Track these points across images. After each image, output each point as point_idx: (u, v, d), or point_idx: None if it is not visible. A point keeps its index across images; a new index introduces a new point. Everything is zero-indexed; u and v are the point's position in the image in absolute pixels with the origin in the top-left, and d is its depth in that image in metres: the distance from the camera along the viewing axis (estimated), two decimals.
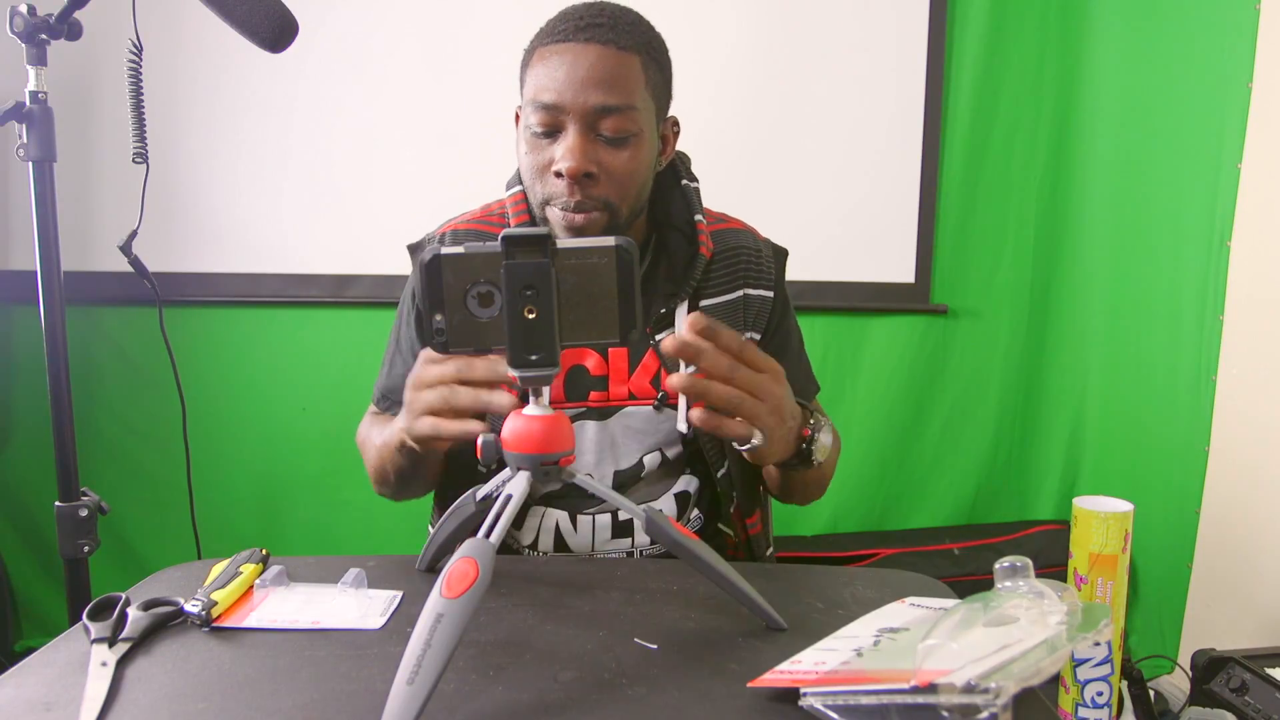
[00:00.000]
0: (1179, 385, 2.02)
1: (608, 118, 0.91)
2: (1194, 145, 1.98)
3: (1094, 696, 1.11)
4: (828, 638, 0.70)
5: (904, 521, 2.38)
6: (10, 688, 0.63)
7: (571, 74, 0.90)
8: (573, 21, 0.92)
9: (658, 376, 1.04)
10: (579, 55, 0.90)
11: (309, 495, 2.22)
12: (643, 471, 1.05)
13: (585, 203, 0.92)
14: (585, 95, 0.90)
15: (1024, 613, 0.59)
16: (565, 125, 0.91)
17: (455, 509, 0.81)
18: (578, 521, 1.04)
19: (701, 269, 1.04)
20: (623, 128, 0.92)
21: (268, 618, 0.74)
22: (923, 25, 2.22)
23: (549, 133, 0.92)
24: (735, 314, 1.07)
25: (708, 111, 2.18)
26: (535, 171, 0.94)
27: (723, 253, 1.07)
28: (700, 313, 0.76)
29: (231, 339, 2.20)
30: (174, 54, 2.06)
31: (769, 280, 1.10)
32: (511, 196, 1.05)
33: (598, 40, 0.91)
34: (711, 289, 1.06)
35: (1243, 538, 1.86)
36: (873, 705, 0.56)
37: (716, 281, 1.06)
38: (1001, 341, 2.36)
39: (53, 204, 1.07)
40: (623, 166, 0.93)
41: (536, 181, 0.95)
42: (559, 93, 0.90)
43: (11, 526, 2.16)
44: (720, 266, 1.06)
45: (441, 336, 0.65)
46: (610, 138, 0.92)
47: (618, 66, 0.91)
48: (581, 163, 0.90)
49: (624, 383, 1.04)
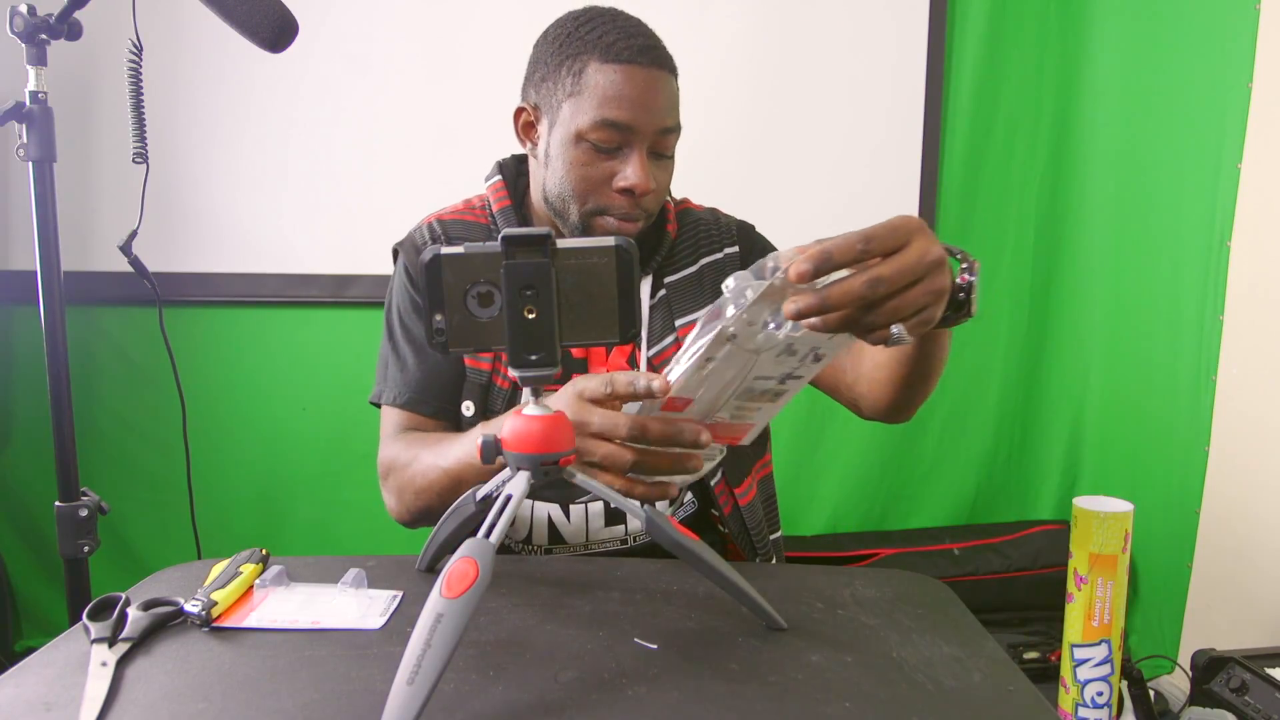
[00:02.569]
0: (1179, 385, 2.02)
1: (667, 138, 0.99)
2: (1194, 145, 1.98)
3: (1094, 696, 1.11)
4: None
5: (904, 521, 2.38)
6: (10, 688, 0.63)
7: (645, 97, 0.95)
8: (631, 41, 0.96)
9: (632, 356, 1.07)
10: (649, 80, 0.96)
11: (309, 495, 2.22)
12: None
13: (640, 214, 1.00)
14: (656, 119, 0.97)
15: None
16: (632, 144, 0.97)
17: (455, 509, 0.81)
18: (570, 511, 1.05)
19: (667, 247, 1.10)
20: (673, 146, 1.02)
21: (268, 618, 0.74)
22: (923, 25, 2.22)
23: (611, 149, 0.97)
24: (698, 284, 1.10)
25: (708, 110, 2.18)
26: (590, 183, 0.98)
27: (684, 229, 1.13)
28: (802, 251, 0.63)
29: (231, 339, 2.20)
30: (174, 54, 2.06)
31: (729, 237, 1.14)
32: (491, 187, 1.09)
33: (658, 65, 0.97)
34: (675, 265, 1.11)
35: (1243, 538, 1.86)
36: None
37: (680, 257, 1.11)
38: (1001, 341, 2.36)
39: (53, 204, 1.07)
40: (667, 180, 1.04)
41: (590, 193, 0.99)
42: (633, 115, 0.95)
43: (11, 526, 2.16)
44: (683, 243, 1.12)
45: (441, 336, 0.65)
46: (662, 154, 1.01)
47: (673, 91, 1.00)
48: (650, 182, 0.97)
49: (603, 364, 1.06)
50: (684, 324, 1.08)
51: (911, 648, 0.71)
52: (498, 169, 1.11)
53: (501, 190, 1.08)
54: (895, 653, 0.70)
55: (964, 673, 0.67)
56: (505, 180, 1.09)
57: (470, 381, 1.06)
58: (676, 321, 1.08)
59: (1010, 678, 0.67)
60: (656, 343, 1.08)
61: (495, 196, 1.08)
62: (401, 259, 1.10)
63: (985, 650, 0.71)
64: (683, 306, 1.09)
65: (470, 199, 1.13)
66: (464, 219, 1.09)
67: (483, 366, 1.05)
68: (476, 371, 1.05)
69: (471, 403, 1.05)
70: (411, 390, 1.06)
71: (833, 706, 0.61)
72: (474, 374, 1.06)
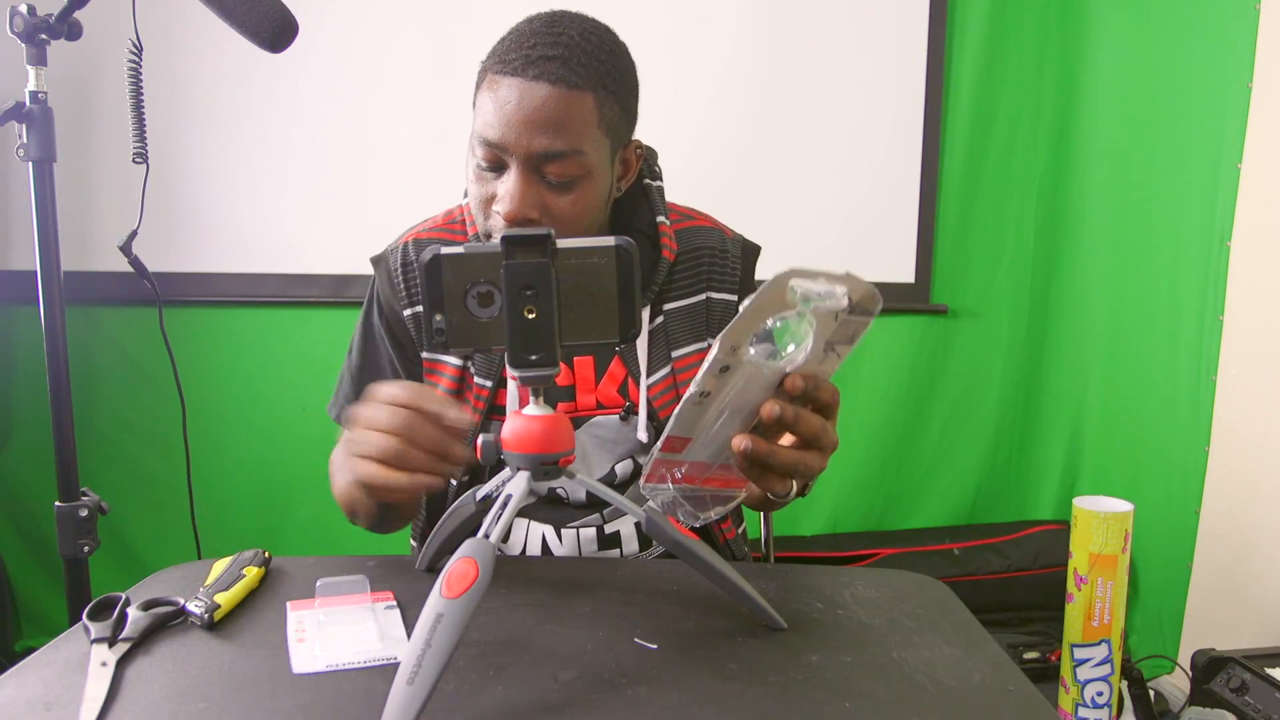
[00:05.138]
0: (1179, 385, 2.02)
1: (552, 163, 0.87)
2: (1194, 145, 1.98)
3: (1094, 696, 1.11)
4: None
5: (904, 521, 2.38)
6: (10, 688, 0.63)
7: (516, 114, 0.85)
8: (525, 51, 0.86)
9: (624, 385, 1.03)
10: (526, 94, 0.85)
11: (309, 495, 2.22)
12: (615, 480, 1.04)
13: None
14: (529, 139, 0.85)
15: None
16: (508, 164, 0.88)
17: (455, 509, 0.81)
18: (563, 535, 1.03)
19: (665, 272, 1.01)
20: (567, 173, 0.88)
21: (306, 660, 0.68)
22: (923, 25, 2.22)
23: (493, 168, 0.89)
24: (698, 317, 1.04)
25: (709, 112, 2.18)
26: (479, 203, 0.92)
27: (686, 254, 1.03)
28: (799, 375, 0.67)
29: (231, 339, 2.20)
30: (174, 54, 2.06)
31: (733, 282, 1.05)
32: (468, 204, 1.03)
33: (547, 78, 0.85)
34: (675, 292, 1.03)
35: (1243, 538, 1.86)
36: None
37: (680, 284, 1.03)
38: (1001, 341, 2.36)
39: (53, 204, 1.06)
40: (567, 210, 0.89)
41: (480, 213, 0.92)
42: (503, 132, 0.86)
43: (11, 526, 2.15)
44: (684, 268, 1.03)
45: (441, 336, 0.65)
46: (555, 182, 0.88)
47: (565, 109, 0.86)
48: (521, 208, 0.87)
49: (591, 392, 1.02)
50: (680, 355, 1.02)
51: (911, 648, 0.71)
52: None
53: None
54: (895, 653, 0.70)
55: (964, 673, 0.67)
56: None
57: None
58: (673, 352, 1.02)
59: (1010, 678, 0.67)
60: (654, 372, 1.02)
61: (470, 217, 1.01)
62: (375, 283, 1.06)
63: (985, 650, 0.71)
64: (680, 338, 1.03)
65: (451, 210, 1.08)
66: (442, 237, 1.04)
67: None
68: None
69: None
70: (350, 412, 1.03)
71: (833, 706, 0.61)
72: None
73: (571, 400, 1.02)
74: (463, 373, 1.01)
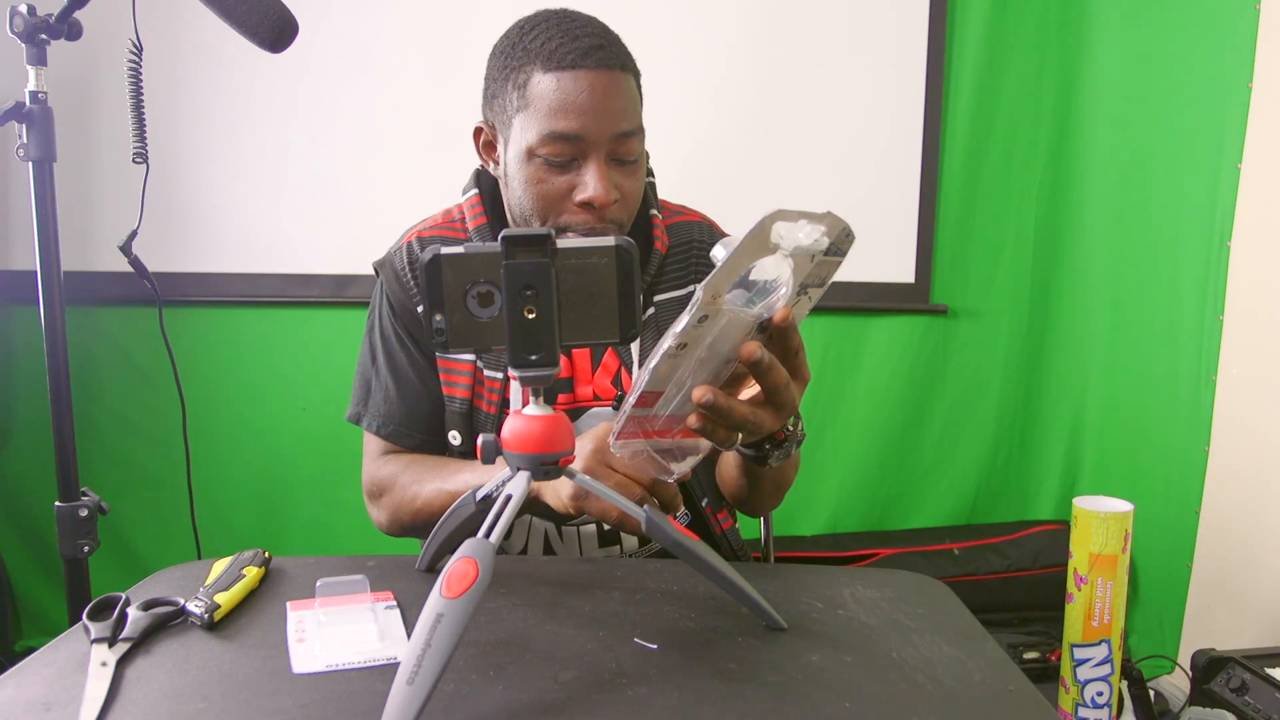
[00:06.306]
0: (1179, 385, 2.02)
1: (626, 143, 0.92)
2: (1194, 145, 1.98)
3: (1094, 696, 1.11)
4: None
5: (904, 521, 2.38)
6: (10, 688, 0.63)
7: (593, 103, 0.89)
8: (574, 43, 0.89)
9: (618, 376, 1.04)
10: (597, 83, 0.89)
11: (309, 495, 2.22)
12: None
13: (607, 227, 0.93)
14: (609, 124, 0.90)
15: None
16: (587, 155, 0.91)
17: (455, 509, 0.81)
18: (563, 532, 1.04)
19: (657, 264, 1.04)
20: (635, 150, 0.93)
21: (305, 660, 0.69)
22: (923, 25, 2.22)
23: (564, 161, 0.91)
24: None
25: (709, 112, 2.18)
26: (548, 200, 0.92)
27: (678, 246, 1.06)
28: (786, 309, 0.69)
29: (231, 339, 2.20)
30: (174, 54, 2.06)
31: None
32: (468, 200, 1.05)
33: (606, 65, 0.90)
34: (667, 284, 1.05)
35: (1243, 538, 1.86)
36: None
37: (670, 276, 1.05)
38: (1001, 341, 2.36)
39: (53, 204, 1.06)
40: (634, 187, 0.96)
41: (549, 210, 0.93)
42: (583, 124, 0.89)
43: (11, 526, 2.15)
44: (674, 261, 1.06)
45: (441, 336, 0.65)
46: (624, 160, 0.93)
47: (627, 90, 0.92)
48: (610, 193, 0.91)
49: (588, 383, 1.03)
50: None
51: (911, 648, 0.71)
52: (474, 180, 1.06)
53: (478, 205, 1.04)
54: (895, 653, 0.70)
55: (964, 673, 0.67)
56: (482, 194, 1.04)
57: (453, 411, 1.03)
58: None
59: (1010, 678, 0.67)
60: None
61: (471, 213, 1.03)
62: (382, 283, 1.07)
63: (985, 650, 0.71)
64: None
65: (450, 210, 1.08)
66: (443, 235, 1.05)
67: (462, 394, 1.02)
68: (458, 400, 1.03)
69: (457, 432, 1.03)
70: (395, 423, 1.05)
71: (833, 706, 0.61)
72: (454, 402, 1.03)
73: (570, 392, 1.03)
74: (474, 367, 1.03)
